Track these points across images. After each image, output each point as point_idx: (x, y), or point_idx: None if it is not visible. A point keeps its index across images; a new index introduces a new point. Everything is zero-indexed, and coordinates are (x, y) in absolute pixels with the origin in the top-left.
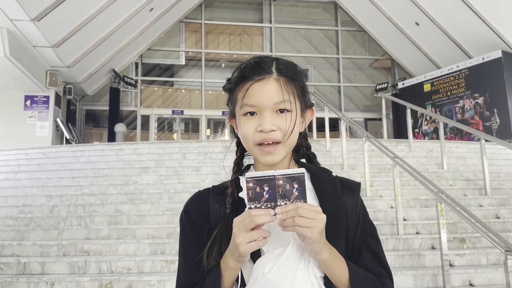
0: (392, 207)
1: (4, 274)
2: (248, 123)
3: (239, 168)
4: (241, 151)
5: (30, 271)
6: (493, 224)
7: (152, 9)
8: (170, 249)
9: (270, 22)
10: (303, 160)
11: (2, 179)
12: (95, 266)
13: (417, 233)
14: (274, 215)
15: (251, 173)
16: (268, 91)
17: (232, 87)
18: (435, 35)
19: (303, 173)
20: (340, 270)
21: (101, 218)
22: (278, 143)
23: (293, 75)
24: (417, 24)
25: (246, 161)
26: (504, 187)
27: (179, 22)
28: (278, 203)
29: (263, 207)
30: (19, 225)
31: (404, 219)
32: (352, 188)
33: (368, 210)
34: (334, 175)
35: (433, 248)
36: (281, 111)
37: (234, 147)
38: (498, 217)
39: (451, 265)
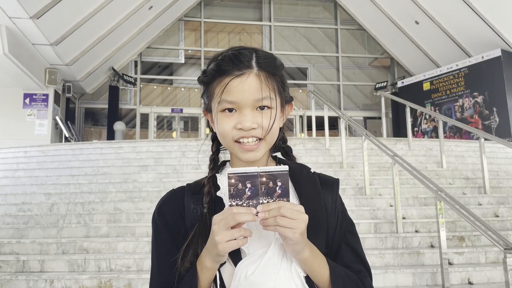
0: (391, 206)
1: (3, 272)
2: (226, 120)
3: (216, 164)
4: (216, 146)
5: (29, 268)
6: (492, 222)
7: (151, 7)
8: None
9: (270, 21)
10: (279, 155)
11: (1, 177)
12: (94, 264)
13: (416, 231)
14: (256, 214)
15: (233, 169)
16: (248, 87)
17: (208, 81)
18: (434, 34)
19: (287, 171)
20: (321, 268)
21: (100, 216)
22: (259, 140)
23: (273, 70)
24: (416, 22)
25: (222, 157)
26: (503, 185)
27: (179, 20)
28: (260, 201)
29: (244, 204)
30: (18, 223)
31: (403, 218)
32: (331, 184)
33: (367, 208)
34: (313, 171)
35: (432, 246)
36: (261, 107)
37: (207, 145)
38: (497, 216)
39: (450, 264)
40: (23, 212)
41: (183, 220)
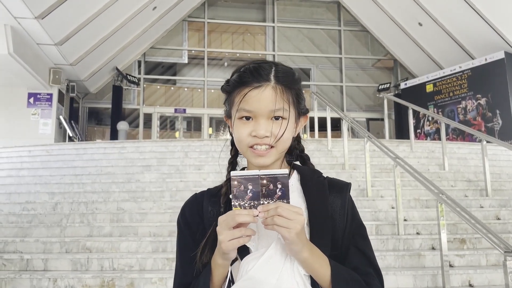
0: (392, 208)
1: (7, 270)
2: (243, 127)
3: (234, 167)
4: (235, 150)
5: (33, 267)
6: (493, 225)
7: (155, 7)
8: (172, 247)
9: (273, 22)
10: (297, 162)
11: (5, 176)
12: (97, 263)
13: (418, 233)
14: (257, 215)
15: (236, 172)
16: (264, 98)
17: (230, 90)
18: (438, 36)
19: (287, 174)
20: (323, 269)
21: (104, 215)
22: (271, 147)
23: (290, 84)
24: (420, 24)
25: (241, 163)
26: (505, 188)
27: (182, 20)
28: (261, 202)
29: (246, 204)
30: (22, 222)
31: (405, 220)
32: (341, 188)
33: (368, 210)
34: (325, 176)
35: (433, 248)
36: (276, 118)
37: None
38: (498, 218)
39: (451, 266)
40: (27, 211)
41: (202, 221)
